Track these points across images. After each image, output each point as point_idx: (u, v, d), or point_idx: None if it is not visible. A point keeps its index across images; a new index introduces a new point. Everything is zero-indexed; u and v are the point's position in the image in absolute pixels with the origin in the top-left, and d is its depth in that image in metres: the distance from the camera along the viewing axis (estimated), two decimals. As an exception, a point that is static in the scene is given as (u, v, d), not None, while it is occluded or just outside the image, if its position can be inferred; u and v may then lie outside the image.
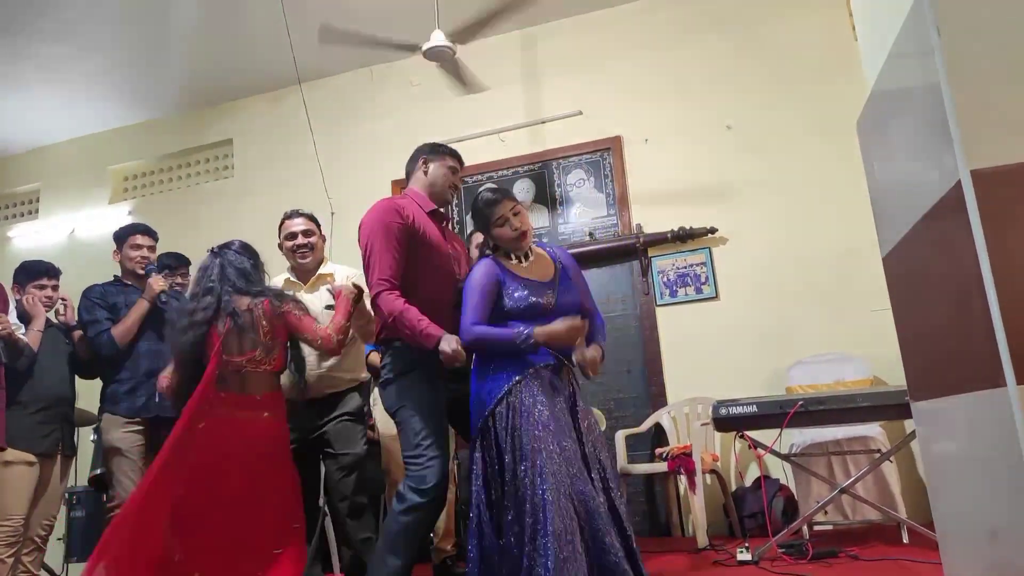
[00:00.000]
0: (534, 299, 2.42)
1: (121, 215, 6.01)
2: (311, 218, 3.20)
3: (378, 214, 2.46)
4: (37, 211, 6.35)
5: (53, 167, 6.27)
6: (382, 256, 2.39)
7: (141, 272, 3.32)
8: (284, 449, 2.69)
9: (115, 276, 3.41)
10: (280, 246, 3.19)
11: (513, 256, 2.51)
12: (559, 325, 2.34)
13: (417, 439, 2.37)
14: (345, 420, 2.96)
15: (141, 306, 3.19)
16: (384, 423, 3.27)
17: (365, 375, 3.15)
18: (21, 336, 3.05)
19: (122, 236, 3.40)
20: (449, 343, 2.29)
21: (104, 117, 5.93)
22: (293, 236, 3.13)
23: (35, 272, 3.31)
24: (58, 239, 6.04)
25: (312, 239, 3.15)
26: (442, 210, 2.66)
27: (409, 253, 2.43)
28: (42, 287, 3.28)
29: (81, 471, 4.10)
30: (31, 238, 6.19)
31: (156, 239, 3.45)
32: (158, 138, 6.04)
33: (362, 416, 3.06)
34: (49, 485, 3.15)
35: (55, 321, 3.32)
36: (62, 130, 6.07)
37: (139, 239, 3.37)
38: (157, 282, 3.21)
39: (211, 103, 5.87)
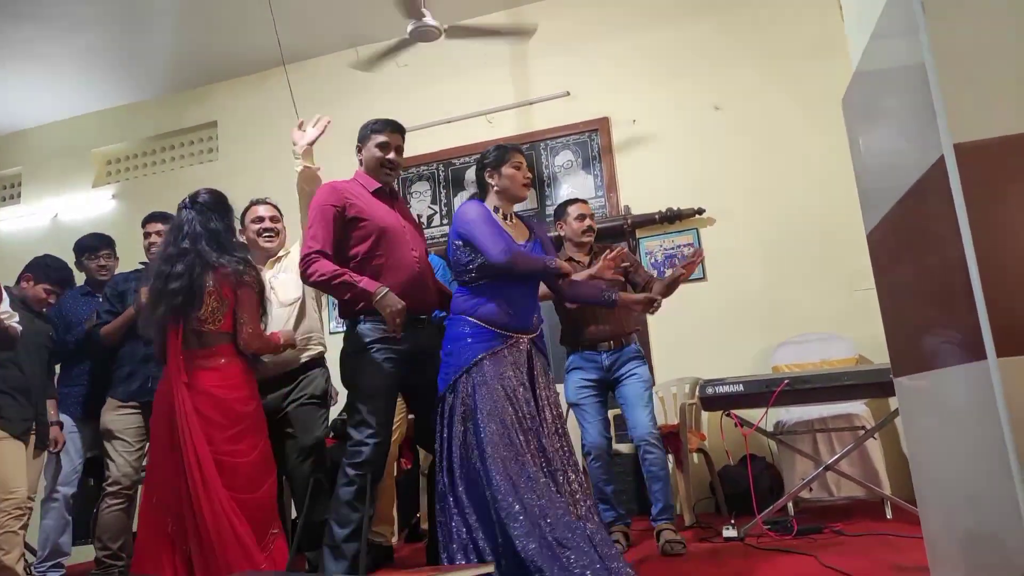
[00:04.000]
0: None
1: (105, 199, 5.96)
2: (277, 208, 3.29)
3: (318, 197, 2.62)
4: (19, 195, 6.28)
5: (34, 150, 6.19)
6: (316, 230, 2.55)
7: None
8: (252, 391, 2.72)
9: (140, 262, 3.47)
10: (243, 231, 3.20)
11: (499, 211, 2.59)
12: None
13: (358, 417, 2.51)
14: (307, 403, 2.98)
15: (128, 313, 3.23)
16: None
17: (319, 349, 3.13)
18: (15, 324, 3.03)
19: (142, 223, 3.48)
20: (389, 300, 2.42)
21: (86, 99, 5.86)
22: (260, 220, 3.19)
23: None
24: (41, 223, 5.98)
25: (278, 225, 3.23)
26: (393, 187, 2.77)
27: (351, 231, 2.57)
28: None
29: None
30: (13, 222, 6.13)
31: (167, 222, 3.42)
32: (141, 121, 5.97)
33: (326, 399, 3.07)
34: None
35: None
36: (43, 113, 5.99)
37: (147, 227, 3.44)
38: (145, 293, 3.15)
39: (195, 85, 5.81)
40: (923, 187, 1.51)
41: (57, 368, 3.57)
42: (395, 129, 2.74)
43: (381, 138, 2.70)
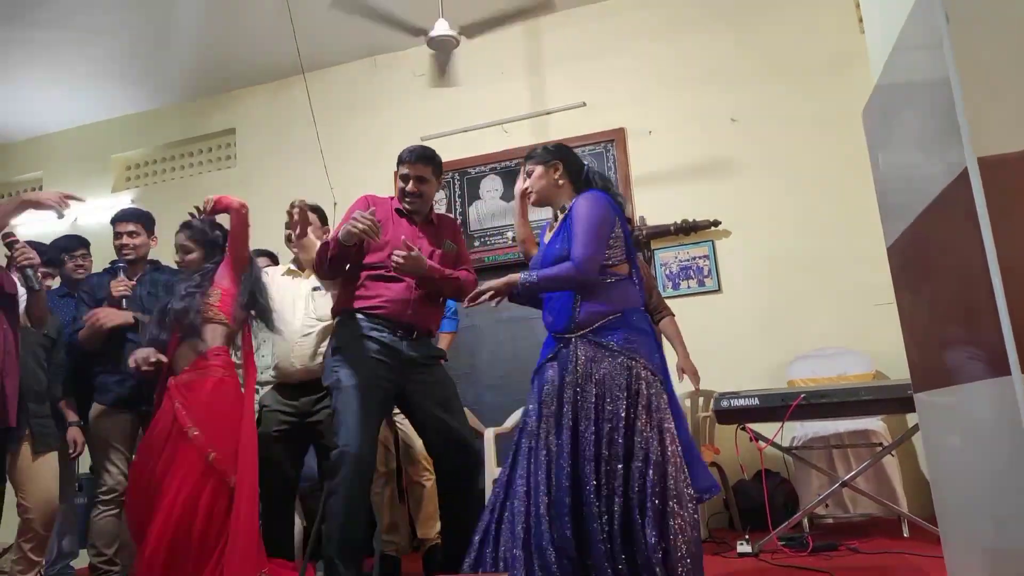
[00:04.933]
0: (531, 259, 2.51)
1: (124, 204, 6.01)
2: (315, 210, 3.28)
3: (353, 204, 2.75)
4: (40, 199, 6.35)
5: (55, 155, 6.27)
6: (337, 228, 2.68)
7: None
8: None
9: (111, 262, 3.36)
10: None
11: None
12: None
13: (335, 419, 2.52)
14: None
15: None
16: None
17: None
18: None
19: (111, 222, 3.35)
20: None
21: (107, 105, 5.93)
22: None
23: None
24: (61, 227, 6.02)
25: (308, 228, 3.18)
26: (420, 210, 2.78)
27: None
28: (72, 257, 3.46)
29: (83, 459, 4.11)
30: (34, 226, 6.18)
31: (142, 223, 3.32)
32: (161, 127, 6.03)
33: None
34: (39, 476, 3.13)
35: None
36: (65, 118, 6.06)
37: (119, 226, 3.30)
38: (117, 286, 3.10)
39: (214, 92, 5.86)
40: (946, 200, 1.49)
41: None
42: (416, 159, 2.72)
43: (402, 169, 2.74)
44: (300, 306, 3.14)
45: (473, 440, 2.73)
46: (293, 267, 3.29)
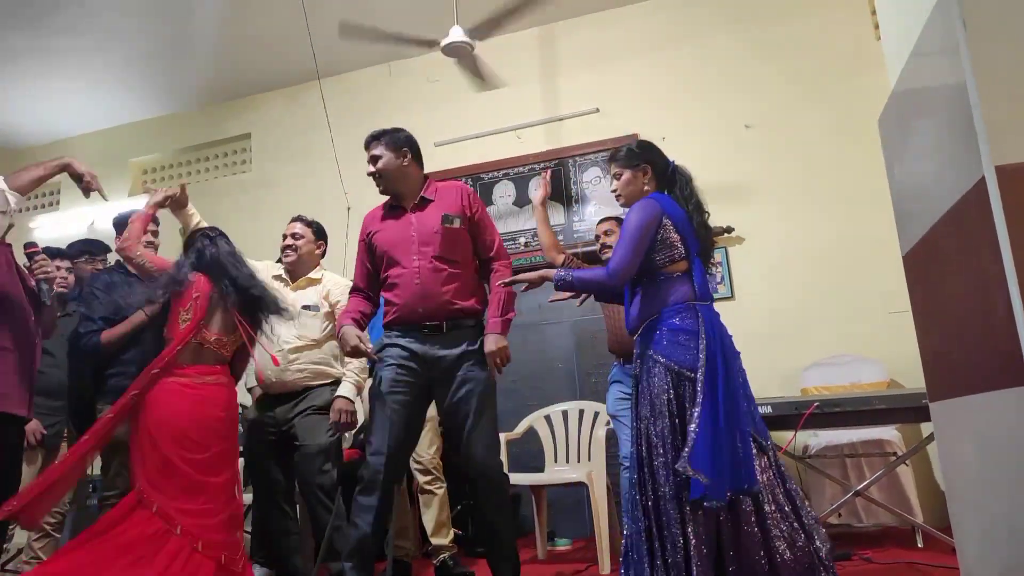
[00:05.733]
0: None
1: (140, 208, 6.06)
2: (310, 225, 3.32)
3: None
4: (58, 203, 6.43)
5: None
6: (356, 266, 2.78)
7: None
8: (232, 417, 2.73)
9: (118, 261, 3.35)
10: None
11: None
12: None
13: (365, 435, 2.57)
14: (311, 413, 3.04)
15: (138, 317, 3.08)
16: None
17: (324, 381, 3.13)
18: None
19: (124, 222, 3.33)
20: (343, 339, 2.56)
21: (125, 110, 5.99)
22: (284, 236, 3.29)
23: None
24: (78, 231, 6.10)
25: (299, 242, 3.25)
26: (394, 190, 2.74)
27: (375, 255, 2.70)
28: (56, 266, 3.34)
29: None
30: (52, 229, 6.26)
31: (158, 224, 3.40)
32: (177, 132, 6.09)
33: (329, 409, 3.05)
34: None
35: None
36: (83, 123, 6.14)
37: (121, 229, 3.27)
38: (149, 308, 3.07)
39: (230, 97, 5.92)
40: (963, 209, 1.49)
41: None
42: (366, 144, 2.75)
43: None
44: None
45: (487, 452, 2.54)
46: (282, 274, 3.30)
